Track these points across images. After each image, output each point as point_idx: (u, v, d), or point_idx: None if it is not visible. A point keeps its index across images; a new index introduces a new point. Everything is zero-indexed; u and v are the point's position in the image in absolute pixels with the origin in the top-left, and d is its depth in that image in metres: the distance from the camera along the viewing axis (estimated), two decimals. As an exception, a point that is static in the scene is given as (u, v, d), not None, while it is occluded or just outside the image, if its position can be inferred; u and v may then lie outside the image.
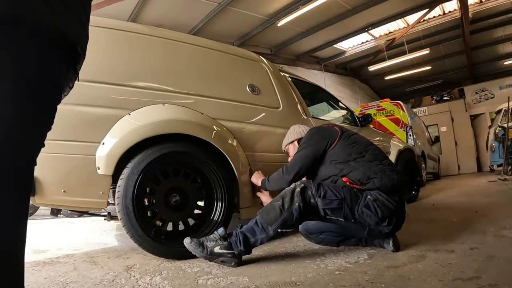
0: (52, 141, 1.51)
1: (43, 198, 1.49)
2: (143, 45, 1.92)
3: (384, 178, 1.56)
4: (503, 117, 7.19)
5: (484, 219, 2.24)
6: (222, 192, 1.80)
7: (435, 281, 1.15)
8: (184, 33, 2.36)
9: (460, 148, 9.99)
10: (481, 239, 1.69)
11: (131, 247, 1.94)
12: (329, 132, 1.78)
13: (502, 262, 1.31)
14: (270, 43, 7.86)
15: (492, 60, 10.17)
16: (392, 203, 1.53)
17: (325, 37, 7.85)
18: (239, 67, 2.34)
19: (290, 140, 1.98)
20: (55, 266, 1.60)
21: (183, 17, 6.04)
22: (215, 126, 1.87)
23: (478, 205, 2.93)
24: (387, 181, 1.55)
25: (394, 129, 5.97)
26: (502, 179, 5.43)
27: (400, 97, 9.92)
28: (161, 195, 1.70)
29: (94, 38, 1.80)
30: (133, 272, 1.44)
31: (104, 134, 1.58)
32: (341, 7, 6.46)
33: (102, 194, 1.57)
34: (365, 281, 1.20)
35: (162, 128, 1.68)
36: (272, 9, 6.28)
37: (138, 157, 1.61)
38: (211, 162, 1.78)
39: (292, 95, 2.52)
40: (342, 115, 3.48)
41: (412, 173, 3.69)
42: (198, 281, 1.30)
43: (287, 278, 1.28)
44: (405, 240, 1.80)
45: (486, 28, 7.98)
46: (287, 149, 2.01)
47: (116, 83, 1.70)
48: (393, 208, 1.52)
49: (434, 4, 6.73)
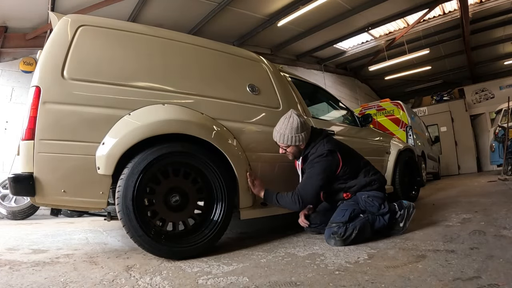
0: (52, 141, 1.51)
1: (43, 198, 1.49)
2: (143, 45, 1.92)
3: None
4: (503, 117, 7.19)
5: (484, 219, 2.24)
6: (222, 192, 1.80)
7: (435, 281, 1.15)
8: (184, 33, 2.36)
9: (460, 148, 9.99)
10: (481, 239, 1.69)
11: (131, 247, 1.94)
12: (337, 161, 1.96)
13: (502, 262, 1.31)
14: (270, 43, 7.85)
15: (492, 60, 10.18)
16: (379, 193, 1.99)
17: (325, 37, 7.85)
18: (239, 67, 2.34)
19: (295, 143, 1.98)
20: (55, 266, 1.60)
21: (183, 17, 6.03)
22: (215, 126, 1.87)
23: (478, 205, 2.92)
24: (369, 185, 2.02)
25: (394, 129, 5.97)
26: (502, 179, 5.43)
27: (400, 97, 9.92)
28: (161, 195, 1.70)
29: (94, 38, 1.82)
30: (133, 272, 1.44)
31: (104, 134, 1.58)
32: (341, 7, 6.46)
33: (102, 194, 1.57)
34: (365, 281, 1.20)
35: (162, 128, 1.68)
36: (272, 9, 6.28)
37: (138, 157, 1.61)
38: (211, 162, 1.78)
39: (292, 95, 2.52)
40: (342, 115, 3.47)
41: (412, 173, 3.69)
42: (198, 281, 1.30)
43: (287, 278, 1.28)
44: (405, 240, 1.80)
45: (486, 28, 7.98)
46: (290, 149, 2.03)
47: (116, 83, 1.70)
48: (381, 195, 1.97)
49: (434, 4, 6.73)
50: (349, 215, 1.85)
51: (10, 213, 3.77)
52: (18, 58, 5.24)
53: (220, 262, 1.57)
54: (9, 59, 5.21)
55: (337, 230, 1.78)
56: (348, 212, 1.87)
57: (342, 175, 1.99)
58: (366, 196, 1.95)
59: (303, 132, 1.98)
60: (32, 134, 1.48)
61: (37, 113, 1.49)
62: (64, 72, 1.59)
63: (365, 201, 1.94)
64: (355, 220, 1.84)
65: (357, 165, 2.07)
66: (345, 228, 1.79)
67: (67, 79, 1.59)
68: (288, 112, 2.03)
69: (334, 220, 1.87)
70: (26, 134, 1.48)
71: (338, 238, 1.77)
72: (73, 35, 1.69)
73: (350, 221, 1.83)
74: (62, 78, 1.58)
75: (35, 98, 1.50)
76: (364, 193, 1.97)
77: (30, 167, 1.47)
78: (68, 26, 1.71)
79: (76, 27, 1.71)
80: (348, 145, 2.20)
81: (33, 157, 1.47)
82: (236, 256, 1.69)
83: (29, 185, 1.45)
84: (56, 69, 1.58)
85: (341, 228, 1.79)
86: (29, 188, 1.45)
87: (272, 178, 2.15)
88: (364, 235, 1.83)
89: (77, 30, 1.71)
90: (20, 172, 1.49)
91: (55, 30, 1.70)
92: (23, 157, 1.48)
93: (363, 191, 1.98)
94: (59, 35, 1.68)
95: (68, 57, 1.62)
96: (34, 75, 1.59)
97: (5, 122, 4.94)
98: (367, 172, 2.06)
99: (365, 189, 1.98)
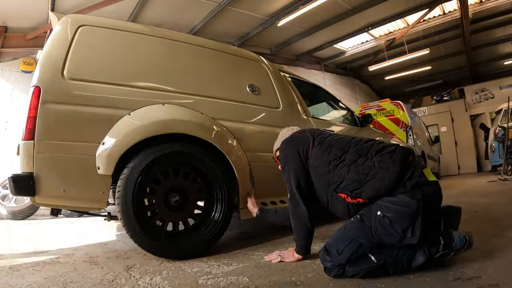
0: (52, 141, 1.51)
1: (43, 198, 1.49)
2: (143, 45, 1.92)
3: (377, 180, 1.25)
4: (503, 117, 7.19)
5: (484, 219, 2.24)
6: (222, 192, 1.80)
7: (435, 281, 1.15)
8: (184, 33, 2.36)
9: (460, 148, 10.00)
10: (481, 239, 1.68)
11: (131, 247, 1.94)
12: (299, 143, 1.53)
13: (502, 262, 1.31)
14: (270, 43, 7.86)
15: (492, 60, 10.18)
16: (408, 203, 1.19)
17: (325, 37, 7.85)
18: (239, 67, 2.34)
19: (275, 147, 1.74)
20: (55, 266, 1.60)
21: (183, 17, 6.04)
22: (215, 126, 1.87)
23: (478, 205, 2.92)
24: (382, 182, 1.24)
25: (394, 129, 5.97)
26: (502, 179, 5.43)
27: (400, 97, 9.92)
28: (161, 195, 1.70)
29: (94, 38, 1.82)
30: (133, 272, 1.44)
31: (104, 134, 1.58)
32: (341, 7, 6.46)
33: (102, 194, 1.57)
34: (365, 281, 1.20)
35: (162, 128, 1.68)
36: (272, 9, 6.28)
37: (138, 157, 1.61)
38: (211, 162, 1.78)
39: (292, 95, 2.52)
40: (342, 115, 3.48)
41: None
42: (198, 281, 1.30)
43: (287, 278, 1.28)
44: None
45: (486, 28, 7.99)
46: (276, 155, 1.77)
47: (116, 83, 1.70)
48: (409, 210, 1.18)
49: (434, 4, 6.73)
50: (349, 255, 1.22)
51: (10, 213, 3.77)
52: (18, 58, 5.24)
53: (220, 262, 1.57)
54: (9, 59, 5.22)
55: (332, 268, 1.25)
56: (348, 249, 1.23)
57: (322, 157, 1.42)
58: (381, 213, 1.22)
59: (280, 136, 1.73)
60: (32, 134, 1.47)
61: (37, 113, 1.49)
62: (64, 72, 1.59)
63: (378, 221, 1.22)
64: (359, 264, 1.23)
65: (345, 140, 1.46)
66: (343, 270, 1.23)
67: (67, 79, 1.59)
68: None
69: (330, 250, 1.27)
70: (26, 134, 1.48)
71: (334, 275, 1.25)
72: (73, 35, 1.69)
73: (349, 263, 1.22)
74: (62, 78, 1.58)
75: (35, 98, 1.50)
76: (381, 204, 1.24)
77: (30, 167, 1.47)
78: (68, 26, 1.71)
79: (76, 27, 1.72)
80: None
81: (33, 157, 1.47)
82: (236, 256, 1.69)
83: (29, 185, 1.45)
84: (56, 69, 1.58)
85: (335, 269, 1.24)
86: (29, 188, 1.45)
87: (272, 178, 2.14)
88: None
89: (77, 30, 1.71)
90: (20, 172, 1.49)
91: (55, 30, 1.70)
92: (23, 157, 1.48)
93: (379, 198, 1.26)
94: (59, 35, 1.68)
95: (68, 57, 1.62)
96: (34, 75, 1.59)
97: (5, 122, 4.94)
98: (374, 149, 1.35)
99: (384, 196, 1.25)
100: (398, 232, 1.19)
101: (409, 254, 1.22)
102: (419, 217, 1.18)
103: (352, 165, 1.32)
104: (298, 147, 1.52)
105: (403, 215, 1.19)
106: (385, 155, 1.30)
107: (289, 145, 1.57)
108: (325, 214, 1.58)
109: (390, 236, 1.20)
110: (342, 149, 1.39)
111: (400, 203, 1.20)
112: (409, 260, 1.22)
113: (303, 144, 1.51)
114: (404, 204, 1.20)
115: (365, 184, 1.27)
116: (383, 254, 1.22)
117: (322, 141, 1.48)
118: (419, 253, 1.22)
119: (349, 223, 1.31)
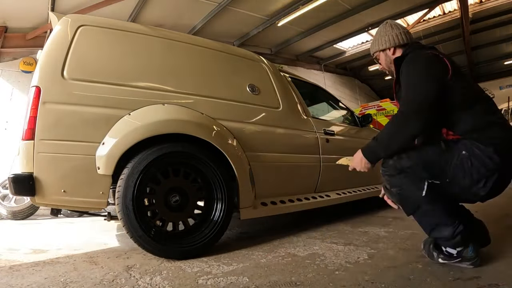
0: (52, 141, 1.51)
1: (43, 198, 1.49)
2: (143, 45, 1.92)
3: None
4: (503, 117, 7.19)
5: (484, 219, 2.24)
6: (222, 192, 1.80)
7: (435, 281, 1.15)
8: (184, 33, 2.36)
9: (460, 148, 9.98)
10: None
11: (131, 247, 1.94)
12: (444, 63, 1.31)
13: (502, 262, 1.31)
14: (270, 43, 7.86)
15: (492, 60, 10.18)
16: (494, 158, 1.19)
17: (325, 37, 7.86)
18: (239, 67, 2.34)
19: (381, 47, 1.54)
20: (55, 266, 1.60)
21: (183, 17, 6.04)
22: (215, 126, 1.87)
23: (478, 205, 2.92)
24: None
25: (394, 129, 5.96)
26: (502, 179, 5.41)
27: (400, 97, 9.90)
28: (161, 195, 1.70)
29: (94, 38, 1.82)
30: (133, 272, 1.44)
31: (104, 134, 1.58)
32: (341, 7, 6.46)
33: (102, 194, 1.57)
34: (365, 281, 1.20)
35: (162, 128, 1.68)
36: (272, 9, 6.28)
37: (138, 157, 1.60)
38: (211, 162, 1.78)
39: (292, 95, 2.52)
40: (342, 115, 3.47)
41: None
42: (198, 281, 1.30)
43: (287, 278, 1.28)
44: (405, 240, 1.80)
45: (486, 28, 7.99)
46: (378, 56, 1.60)
47: (116, 83, 1.70)
48: (492, 165, 1.19)
49: (434, 4, 6.73)
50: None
51: (10, 213, 3.77)
52: (18, 58, 5.25)
53: (220, 262, 1.57)
54: (9, 59, 5.22)
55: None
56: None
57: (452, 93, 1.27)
58: (466, 152, 1.22)
59: (391, 34, 1.50)
60: (32, 134, 1.48)
61: (37, 113, 1.49)
62: (64, 72, 1.59)
63: (461, 159, 1.22)
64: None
65: (474, 90, 1.34)
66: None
67: (67, 79, 1.59)
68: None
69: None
70: (26, 134, 1.48)
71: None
72: (73, 35, 1.69)
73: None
74: (62, 78, 1.58)
75: (35, 98, 1.50)
76: (468, 143, 1.23)
77: (30, 167, 1.47)
78: (68, 26, 1.71)
79: (76, 27, 1.72)
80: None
81: (33, 157, 1.47)
82: (236, 256, 1.69)
83: (29, 185, 1.45)
84: (56, 69, 1.58)
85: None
86: (29, 188, 1.46)
87: (272, 178, 2.14)
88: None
89: (77, 30, 1.71)
90: (20, 172, 1.50)
91: (55, 30, 1.70)
92: (23, 157, 1.48)
93: (468, 138, 1.24)
94: (59, 35, 1.68)
95: (68, 57, 1.63)
96: (34, 75, 1.59)
97: (5, 122, 4.95)
98: (488, 107, 1.31)
99: (475, 133, 1.24)
100: (473, 177, 1.22)
101: (444, 220, 1.27)
102: (496, 174, 1.22)
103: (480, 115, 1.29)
104: (443, 66, 1.33)
105: (484, 161, 1.21)
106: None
107: (437, 58, 1.35)
108: None
109: (465, 176, 1.23)
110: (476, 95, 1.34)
111: (482, 151, 1.21)
112: (436, 225, 1.29)
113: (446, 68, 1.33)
114: (487, 151, 1.21)
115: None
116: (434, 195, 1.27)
117: (462, 74, 1.39)
118: (447, 229, 1.26)
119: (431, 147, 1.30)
